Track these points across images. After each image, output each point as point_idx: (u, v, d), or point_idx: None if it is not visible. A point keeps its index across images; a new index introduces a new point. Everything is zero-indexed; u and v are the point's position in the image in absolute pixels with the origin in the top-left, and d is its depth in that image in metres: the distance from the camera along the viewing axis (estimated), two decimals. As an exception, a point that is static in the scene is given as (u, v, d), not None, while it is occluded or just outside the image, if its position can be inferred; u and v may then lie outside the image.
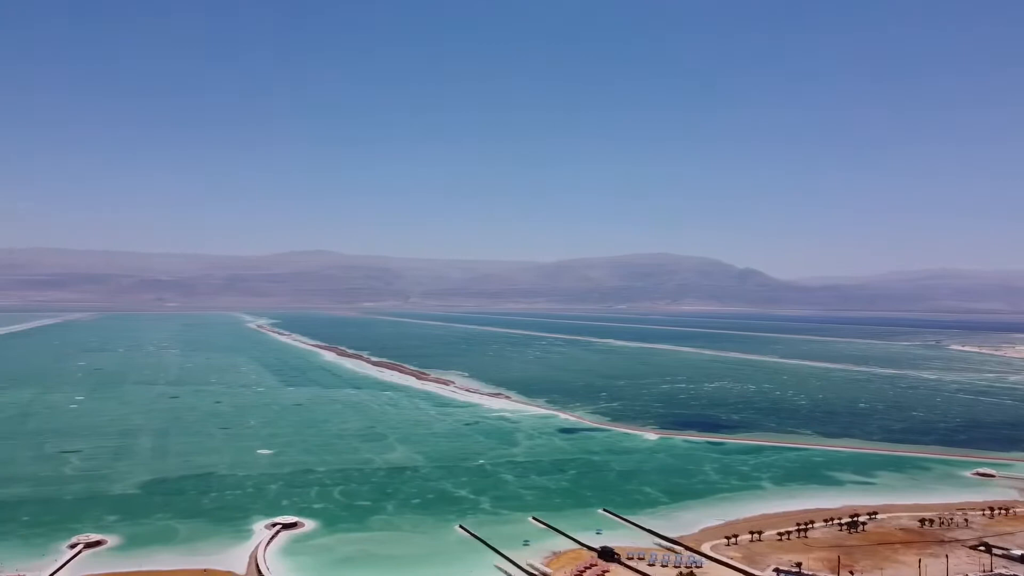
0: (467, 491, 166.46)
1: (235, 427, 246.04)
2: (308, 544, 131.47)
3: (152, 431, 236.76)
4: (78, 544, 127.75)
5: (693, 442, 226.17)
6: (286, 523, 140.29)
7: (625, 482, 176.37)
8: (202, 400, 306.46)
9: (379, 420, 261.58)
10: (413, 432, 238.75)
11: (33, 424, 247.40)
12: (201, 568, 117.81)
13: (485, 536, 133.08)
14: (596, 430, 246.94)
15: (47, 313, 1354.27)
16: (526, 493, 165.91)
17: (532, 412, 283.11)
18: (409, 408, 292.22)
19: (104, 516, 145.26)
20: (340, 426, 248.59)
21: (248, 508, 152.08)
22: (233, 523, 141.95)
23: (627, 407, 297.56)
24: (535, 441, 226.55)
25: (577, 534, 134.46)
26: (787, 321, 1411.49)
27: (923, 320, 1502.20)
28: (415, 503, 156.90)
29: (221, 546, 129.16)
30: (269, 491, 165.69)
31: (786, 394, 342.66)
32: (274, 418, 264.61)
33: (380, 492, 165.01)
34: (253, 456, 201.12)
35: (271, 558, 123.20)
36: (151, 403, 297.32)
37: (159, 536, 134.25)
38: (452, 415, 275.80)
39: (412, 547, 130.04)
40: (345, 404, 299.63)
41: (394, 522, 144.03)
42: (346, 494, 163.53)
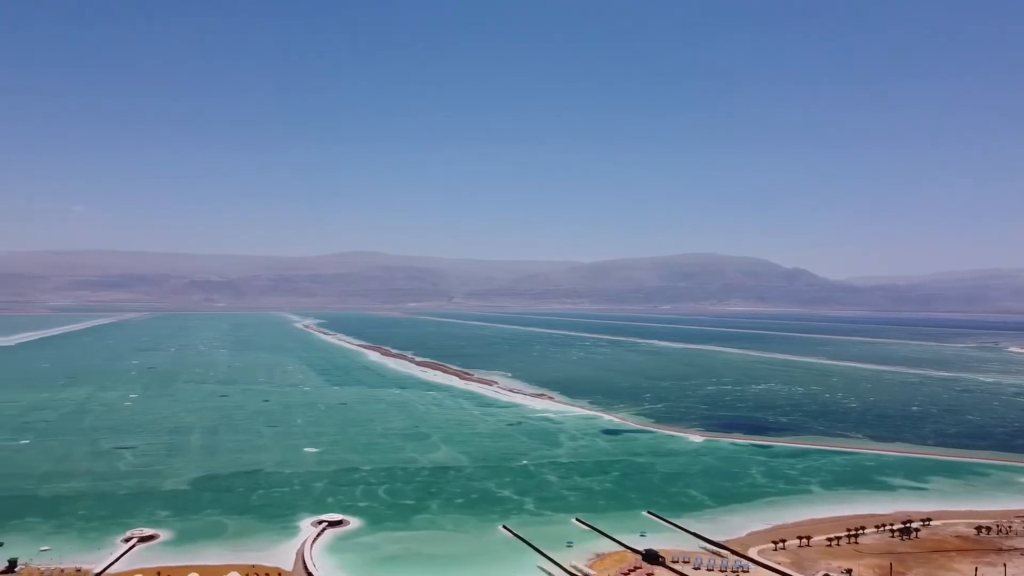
0: (510, 491, 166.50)
1: (282, 425, 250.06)
2: (353, 542, 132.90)
3: (202, 429, 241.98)
4: (132, 538, 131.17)
5: (739, 445, 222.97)
6: (332, 520, 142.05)
7: (670, 484, 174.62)
8: (250, 399, 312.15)
9: (423, 420, 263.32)
10: (456, 432, 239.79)
11: (89, 421, 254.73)
12: (249, 563, 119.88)
13: (528, 537, 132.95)
14: (640, 432, 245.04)
15: (102, 313, 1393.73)
16: (569, 494, 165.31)
17: (575, 413, 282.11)
18: (452, 408, 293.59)
19: (157, 511, 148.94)
20: (384, 425, 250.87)
21: (295, 505, 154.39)
22: (280, 520, 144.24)
23: (672, 409, 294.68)
24: (578, 442, 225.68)
25: (621, 536, 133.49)
26: (837, 322, 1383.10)
27: (979, 321, 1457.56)
28: (459, 503, 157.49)
29: (269, 542, 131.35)
30: (315, 489, 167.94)
31: (835, 397, 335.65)
32: (320, 417, 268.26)
33: (424, 491, 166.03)
34: (300, 454, 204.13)
35: (317, 555, 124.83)
36: (201, 401, 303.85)
37: (209, 531, 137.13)
38: (495, 415, 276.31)
39: (456, 547, 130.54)
40: (389, 404, 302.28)
41: (438, 521, 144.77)
42: (391, 493, 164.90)
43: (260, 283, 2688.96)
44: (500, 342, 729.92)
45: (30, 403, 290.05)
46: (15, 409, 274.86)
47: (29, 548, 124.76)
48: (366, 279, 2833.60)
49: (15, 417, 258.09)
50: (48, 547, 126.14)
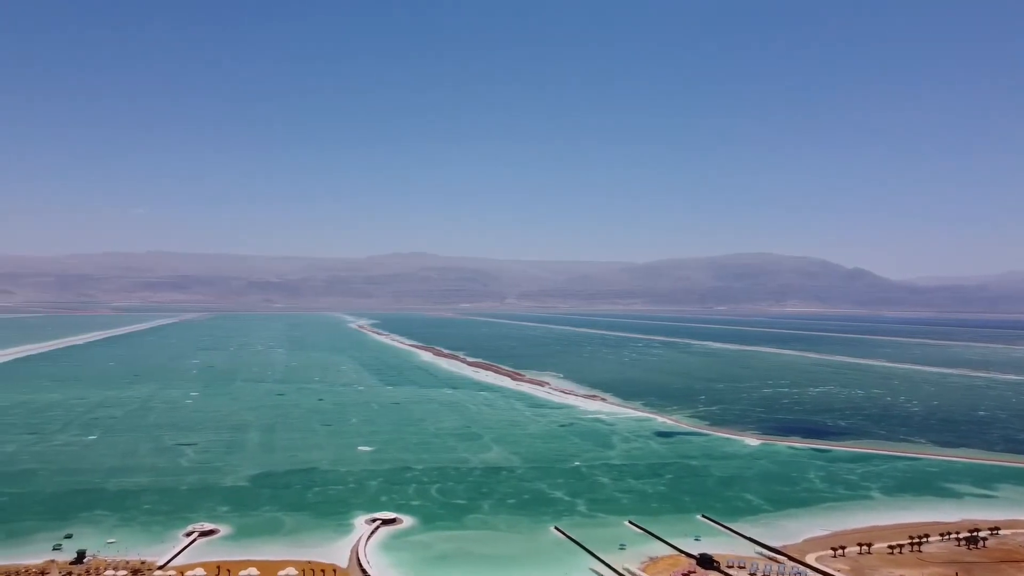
0: (562, 492, 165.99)
1: (337, 424, 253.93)
2: (407, 540, 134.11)
3: (260, 426, 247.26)
4: (193, 532, 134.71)
5: (797, 449, 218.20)
6: (385, 519, 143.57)
7: (725, 488, 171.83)
8: (306, 397, 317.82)
9: (475, 420, 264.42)
10: (508, 432, 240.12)
11: (153, 418, 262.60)
12: (306, 560, 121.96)
13: (580, 538, 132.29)
14: (694, 434, 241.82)
15: (164, 313, 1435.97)
16: (622, 496, 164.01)
17: (628, 414, 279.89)
18: (504, 408, 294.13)
19: (216, 506, 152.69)
20: (437, 425, 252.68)
21: (349, 503, 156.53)
22: (335, 517, 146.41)
23: (727, 411, 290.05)
24: (631, 444, 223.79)
25: (675, 540, 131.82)
26: (899, 324, 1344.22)
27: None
28: (511, 503, 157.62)
29: (324, 539, 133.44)
30: (369, 487, 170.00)
31: (897, 400, 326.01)
32: (374, 416, 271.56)
33: (476, 491, 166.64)
34: (354, 453, 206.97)
35: (371, 553, 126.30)
36: (259, 399, 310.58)
37: (267, 527, 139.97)
38: (547, 416, 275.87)
39: (508, 547, 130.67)
40: (442, 403, 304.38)
41: (490, 521, 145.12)
42: (443, 492, 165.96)
43: (315, 284, 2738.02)
44: (552, 343, 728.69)
45: (98, 400, 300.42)
46: (84, 406, 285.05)
47: (97, 540, 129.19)
48: (419, 280, 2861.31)
49: (84, 413, 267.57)
50: (114, 539, 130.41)
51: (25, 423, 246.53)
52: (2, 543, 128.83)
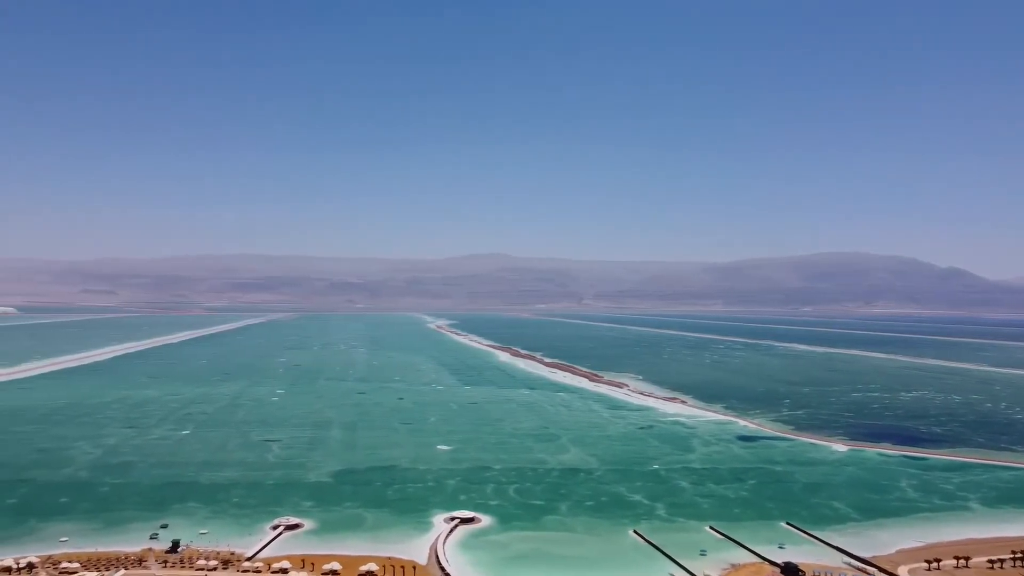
0: (641, 496, 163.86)
1: (416, 423, 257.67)
2: (484, 539, 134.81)
3: (342, 424, 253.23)
4: (279, 526, 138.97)
5: (888, 456, 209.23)
6: (464, 517, 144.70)
7: (811, 495, 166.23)
8: (386, 396, 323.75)
9: (552, 421, 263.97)
10: (586, 434, 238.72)
11: (241, 414, 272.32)
12: (386, 556, 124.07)
13: (660, 543, 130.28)
14: (778, 439, 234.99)
15: (253, 313, 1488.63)
16: (703, 501, 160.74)
17: (709, 418, 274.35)
18: (582, 410, 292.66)
19: (301, 501, 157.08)
20: (514, 425, 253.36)
21: (428, 501, 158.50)
22: (415, 515, 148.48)
23: (813, 416, 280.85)
24: (712, 448, 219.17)
25: (758, 547, 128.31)
26: (999, 326, 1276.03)
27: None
28: (588, 505, 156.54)
29: (404, 536, 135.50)
30: (448, 486, 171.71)
31: (998, 406, 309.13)
32: (452, 416, 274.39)
33: (554, 492, 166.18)
34: (433, 451, 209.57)
35: (450, 551, 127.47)
36: (341, 398, 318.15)
37: (349, 523, 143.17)
38: (625, 418, 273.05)
39: (586, 549, 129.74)
40: (519, 404, 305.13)
41: (568, 523, 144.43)
42: (521, 492, 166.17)
43: (395, 285, 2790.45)
44: (630, 344, 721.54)
45: (191, 396, 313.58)
46: (178, 402, 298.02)
47: (190, 531, 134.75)
48: (496, 281, 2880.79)
49: (178, 409, 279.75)
50: (206, 531, 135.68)
51: (125, 417, 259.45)
52: (104, 531, 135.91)
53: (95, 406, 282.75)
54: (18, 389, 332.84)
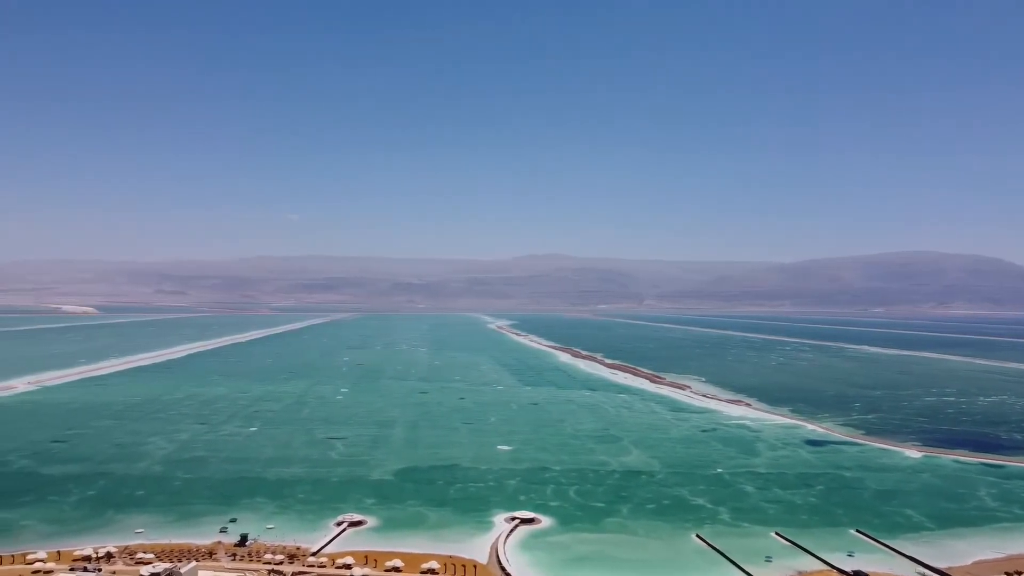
0: (704, 500, 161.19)
1: (477, 423, 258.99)
2: (545, 540, 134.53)
3: (404, 423, 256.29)
4: (343, 522, 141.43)
5: (964, 463, 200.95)
6: (524, 518, 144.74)
7: (882, 502, 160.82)
8: (448, 396, 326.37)
9: (613, 422, 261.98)
10: (648, 436, 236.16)
11: (307, 412, 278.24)
12: (448, 554, 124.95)
13: (724, 548, 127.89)
14: (848, 444, 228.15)
15: (317, 313, 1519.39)
16: (768, 506, 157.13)
17: (775, 421, 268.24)
18: (643, 411, 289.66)
19: (364, 498, 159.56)
20: (575, 427, 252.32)
21: (489, 501, 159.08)
22: (476, 514, 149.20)
23: (884, 420, 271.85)
24: (778, 452, 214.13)
25: (826, 555, 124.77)
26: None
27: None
28: (650, 508, 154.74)
29: (465, 535, 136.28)
30: (508, 486, 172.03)
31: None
32: (512, 416, 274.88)
33: (615, 494, 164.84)
34: (494, 451, 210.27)
35: (511, 551, 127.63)
36: (404, 397, 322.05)
37: (411, 520, 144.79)
38: (688, 420, 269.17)
39: (647, 552, 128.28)
40: (580, 405, 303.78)
41: (629, 526, 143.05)
42: (581, 494, 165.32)
43: (456, 285, 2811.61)
44: (692, 345, 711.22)
45: (258, 394, 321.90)
46: (246, 399, 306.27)
47: (257, 525, 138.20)
48: (556, 281, 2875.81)
49: (246, 407, 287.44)
50: (273, 526, 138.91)
51: (196, 414, 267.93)
52: (176, 523, 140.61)
53: (169, 402, 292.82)
54: (97, 385, 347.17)
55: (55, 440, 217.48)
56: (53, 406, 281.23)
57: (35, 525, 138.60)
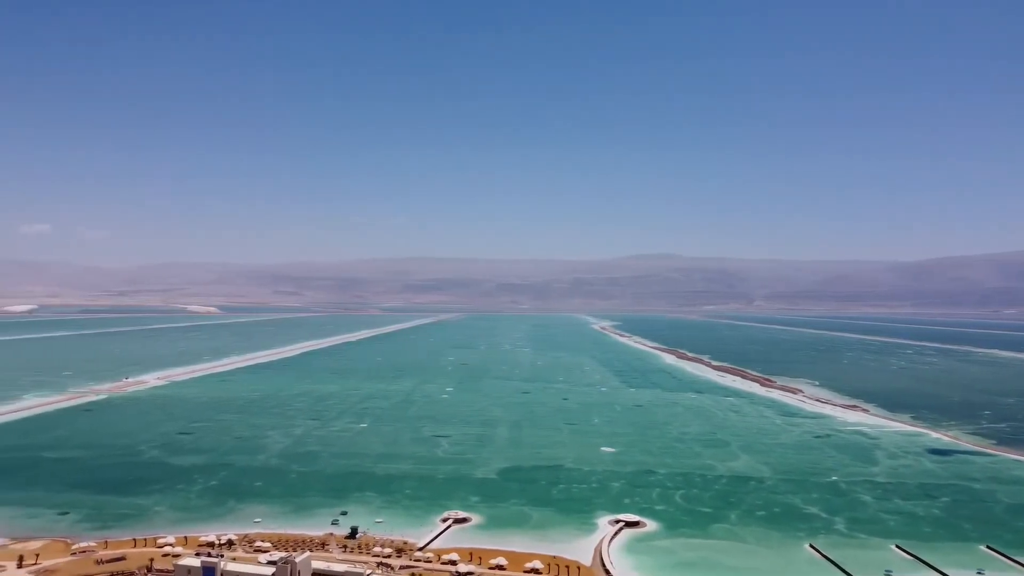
0: (818, 508, 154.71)
1: (580, 424, 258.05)
2: (650, 544, 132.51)
3: (508, 422, 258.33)
4: (449, 519, 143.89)
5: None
6: (629, 521, 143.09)
7: (1017, 517, 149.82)
8: (551, 396, 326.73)
9: (721, 426, 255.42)
10: (757, 441, 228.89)
11: (413, 410, 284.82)
12: (551, 554, 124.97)
13: (839, 559, 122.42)
14: (976, 454, 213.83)
15: (424, 313, 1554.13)
16: (888, 518, 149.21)
17: (894, 428, 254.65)
18: (753, 416, 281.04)
19: (469, 496, 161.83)
20: (681, 430, 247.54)
21: (593, 502, 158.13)
22: (579, 515, 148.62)
23: (1018, 430, 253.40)
24: (898, 461, 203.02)
25: (952, 571, 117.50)
26: None
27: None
28: (760, 515, 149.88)
29: (568, 536, 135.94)
30: (612, 488, 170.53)
31: None
32: (616, 417, 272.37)
33: (722, 500, 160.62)
34: (597, 453, 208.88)
35: (615, 553, 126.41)
36: (507, 397, 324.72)
37: (514, 519, 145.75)
38: (800, 426, 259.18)
39: (757, 560, 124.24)
40: (686, 408, 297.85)
41: (737, 532, 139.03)
42: (687, 498, 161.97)
43: (560, 286, 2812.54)
44: (805, 348, 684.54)
45: (368, 392, 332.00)
46: (357, 396, 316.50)
47: (367, 519, 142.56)
48: (661, 281, 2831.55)
49: (357, 404, 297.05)
50: (381, 520, 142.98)
51: (310, 410, 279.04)
52: (291, 514, 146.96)
53: (285, 398, 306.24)
54: (220, 381, 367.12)
55: (182, 432, 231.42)
56: (180, 400, 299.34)
57: (165, 512, 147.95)
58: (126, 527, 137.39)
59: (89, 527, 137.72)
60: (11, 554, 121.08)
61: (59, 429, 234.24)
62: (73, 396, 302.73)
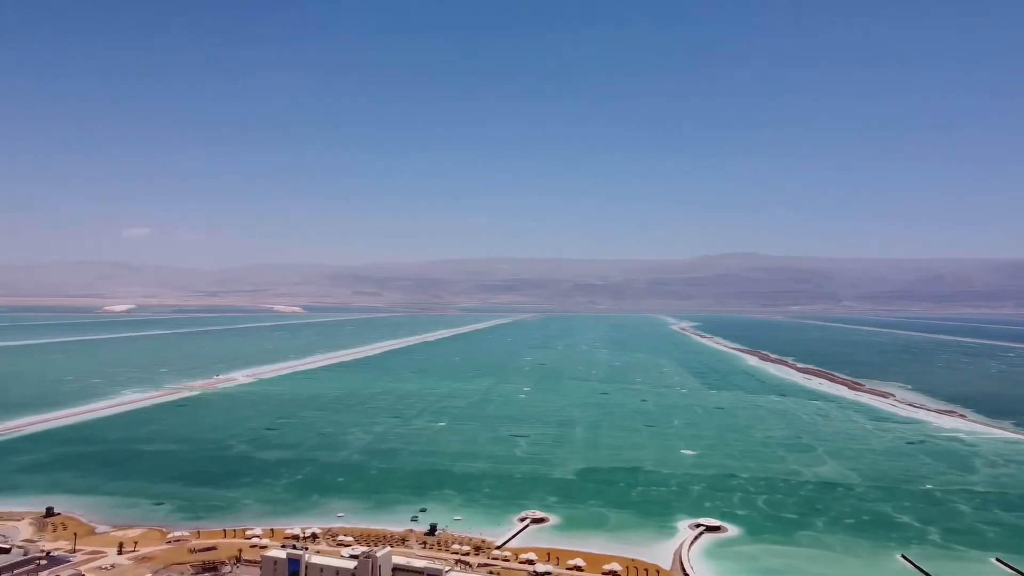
0: (910, 517, 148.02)
1: (659, 426, 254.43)
2: (732, 550, 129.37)
3: (586, 423, 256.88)
4: (526, 518, 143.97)
5: None
6: (710, 525, 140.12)
7: None
8: (629, 398, 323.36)
9: (806, 430, 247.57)
10: (845, 446, 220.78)
11: (491, 409, 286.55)
12: (629, 557, 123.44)
13: (934, 572, 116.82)
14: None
15: (501, 313, 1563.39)
16: (987, 529, 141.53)
17: (995, 435, 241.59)
18: (840, 420, 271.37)
19: (547, 496, 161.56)
20: (764, 433, 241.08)
21: (672, 505, 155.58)
22: (658, 518, 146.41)
23: None
24: (999, 470, 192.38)
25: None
26: None
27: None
28: (848, 523, 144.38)
29: (647, 539, 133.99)
30: (692, 491, 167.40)
31: None
32: (697, 420, 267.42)
33: (808, 506, 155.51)
34: (677, 455, 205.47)
35: (695, 558, 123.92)
36: (584, 397, 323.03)
37: (592, 521, 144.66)
38: (892, 431, 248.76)
39: (846, 570, 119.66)
40: (769, 411, 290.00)
41: (824, 540, 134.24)
42: (771, 504, 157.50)
43: (637, 286, 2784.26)
44: (897, 350, 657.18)
45: (446, 391, 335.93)
46: (435, 395, 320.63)
47: (445, 516, 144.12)
48: (743, 281, 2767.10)
49: (435, 402, 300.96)
50: (460, 517, 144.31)
51: (391, 408, 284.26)
52: (373, 510, 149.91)
53: (366, 396, 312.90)
54: (305, 379, 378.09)
55: (269, 428, 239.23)
56: (267, 397, 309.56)
57: (253, 504, 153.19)
58: (217, 518, 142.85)
59: (183, 517, 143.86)
60: (112, 540, 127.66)
61: (156, 423, 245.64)
62: (168, 392, 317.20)
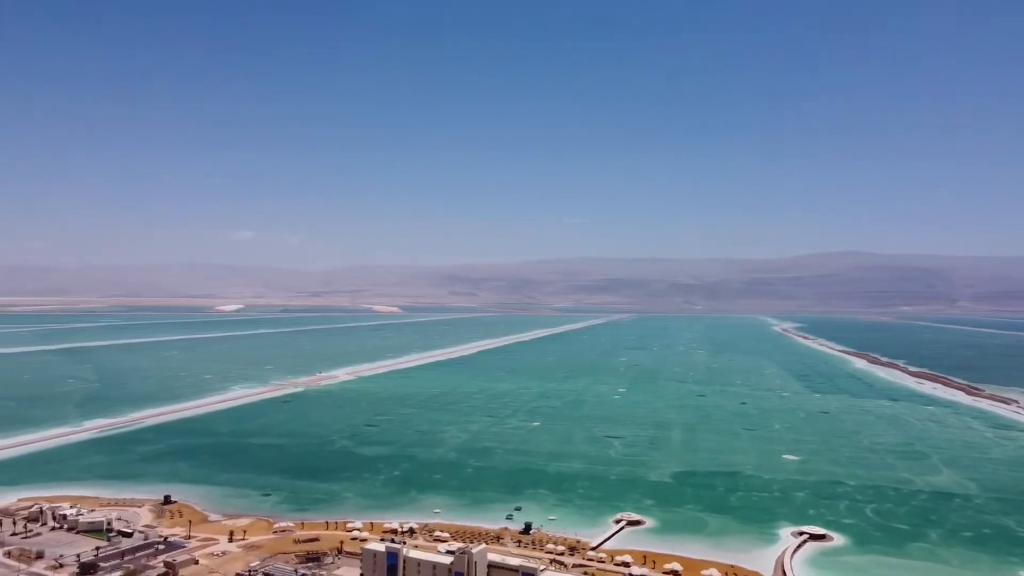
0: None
1: (760, 429, 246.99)
2: (838, 560, 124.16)
3: (682, 425, 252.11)
4: (622, 520, 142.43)
5: None
6: (814, 533, 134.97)
7: None
8: (728, 400, 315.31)
9: (919, 437, 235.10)
10: (963, 455, 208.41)
11: (585, 410, 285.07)
12: (728, 563, 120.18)
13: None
14: None
15: (595, 314, 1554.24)
16: None
17: None
18: (957, 427, 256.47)
19: (642, 499, 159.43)
20: (872, 439, 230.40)
21: (774, 512, 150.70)
22: (759, 524, 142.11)
23: None
24: None
25: None
26: None
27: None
28: (966, 536, 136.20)
29: (747, 545, 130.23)
30: (795, 498, 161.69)
31: None
32: (799, 424, 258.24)
33: (921, 517, 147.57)
34: (778, 460, 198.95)
35: (798, 567, 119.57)
36: (681, 399, 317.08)
37: (690, 525, 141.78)
38: (1016, 440, 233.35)
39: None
40: (878, 416, 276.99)
41: (939, 553, 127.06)
42: (880, 513, 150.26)
43: (734, 286, 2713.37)
44: (1020, 353, 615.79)
45: (540, 391, 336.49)
46: (529, 395, 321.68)
47: (540, 515, 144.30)
48: (849, 281, 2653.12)
49: (529, 402, 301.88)
50: (555, 517, 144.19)
51: (485, 407, 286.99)
52: (468, 507, 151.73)
53: (461, 395, 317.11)
54: (402, 377, 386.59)
55: (368, 424, 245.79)
56: (367, 394, 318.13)
57: (353, 498, 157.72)
58: (319, 510, 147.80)
59: (288, 508, 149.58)
60: (223, 529, 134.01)
61: (263, 418, 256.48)
62: (274, 388, 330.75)
